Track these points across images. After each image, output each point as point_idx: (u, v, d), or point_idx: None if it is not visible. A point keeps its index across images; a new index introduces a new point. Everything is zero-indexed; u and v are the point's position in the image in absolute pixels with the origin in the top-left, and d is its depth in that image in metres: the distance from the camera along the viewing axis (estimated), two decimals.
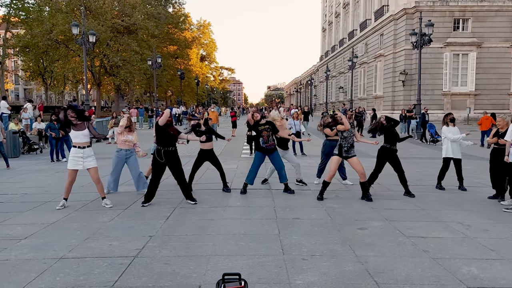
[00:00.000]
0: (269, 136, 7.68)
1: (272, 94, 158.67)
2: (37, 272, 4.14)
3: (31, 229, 5.60)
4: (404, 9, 32.50)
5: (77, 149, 6.66)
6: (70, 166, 6.69)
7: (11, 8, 36.96)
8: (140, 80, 39.49)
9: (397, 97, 34.42)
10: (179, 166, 6.99)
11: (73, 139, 6.71)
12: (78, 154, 6.65)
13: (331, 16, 60.81)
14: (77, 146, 6.66)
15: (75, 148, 6.68)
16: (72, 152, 6.72)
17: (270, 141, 7.68)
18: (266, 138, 7.65)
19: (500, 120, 7.37)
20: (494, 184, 7.47)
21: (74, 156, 6.66)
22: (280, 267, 4.25)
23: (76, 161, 6.65)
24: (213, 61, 74.45)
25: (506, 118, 7.42)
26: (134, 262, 4.42)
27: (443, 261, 4.44)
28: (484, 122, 17.07)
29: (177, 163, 6.98)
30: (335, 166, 7.33)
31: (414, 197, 7.46)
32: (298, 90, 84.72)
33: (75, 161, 6.65)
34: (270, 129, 7.71)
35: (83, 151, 6.66)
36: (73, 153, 6.70)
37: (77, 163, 6.66)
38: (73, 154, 6.70)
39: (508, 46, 32.01)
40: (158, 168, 6.90)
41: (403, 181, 7.65)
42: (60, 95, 63.77)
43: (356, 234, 5.41)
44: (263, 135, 7.66)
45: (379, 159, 7.72)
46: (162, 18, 39.89)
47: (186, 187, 7.16)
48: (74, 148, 6.71)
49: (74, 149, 6.69)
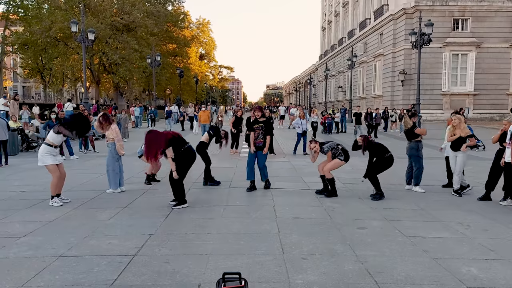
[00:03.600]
0: (259, 134, 7.98)
1: (271, 93, 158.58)
2: (36, 270, 4.13)
3: (30, 227, 5.58)
4: (404, 8, 32.51)
5: (52, 148, 6.95)
6: (47, 162, 6.89)
7: (10, 5, 36.79)
8: (139, 78, 39.49)
9: (396, 97, 34.44)
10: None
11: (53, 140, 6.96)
12: (53, 153, 6.96)
13: (330, 15, 60.80)
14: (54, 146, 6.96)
15: (51, 147, 6.94)
16: (48, 149, 6.93)
17: (259, 139, 7.97)
18: (256, 135, 7.96)
19: (506, 122, 7.37)
20: (488, 184, 7.46)
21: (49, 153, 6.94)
22: (280, 266, 4.24)
23: (51, 158, 6.92)
24: (212, 59, 74.43)
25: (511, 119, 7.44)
26: (134, 260, 4.40)
27: (443, 261, 4.44)
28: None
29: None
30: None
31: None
32: (297, 89, 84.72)
33: (50, 158, 6.92)
34: (262, 128, 7.97)
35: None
36: (48, 150, 6.93)
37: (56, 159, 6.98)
38: (48, 151, 6.93)
39: (507, 46, 32.05)
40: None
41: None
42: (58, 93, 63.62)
43: (356, 233, 5.41)
44: (255, 132, 7.99)
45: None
46: (162, 16, 39.81)
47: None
48: (50, 147, 6.94)
49: (50, 148, 6.94)
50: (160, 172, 8.85)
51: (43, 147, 6.93)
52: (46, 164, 6.85)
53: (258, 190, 8.06)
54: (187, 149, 6.69)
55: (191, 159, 6.75)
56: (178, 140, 6.61)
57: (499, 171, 7.25)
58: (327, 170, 7.55)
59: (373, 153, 7.59)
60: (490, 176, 7.41)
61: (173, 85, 52.14)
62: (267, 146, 8.02)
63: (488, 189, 7.40)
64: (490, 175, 7.41)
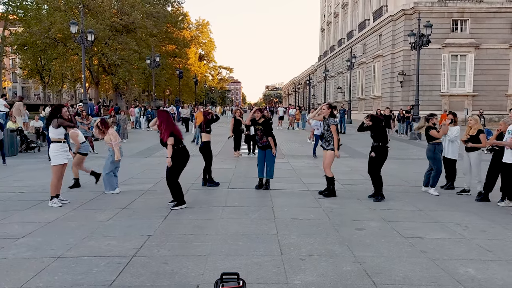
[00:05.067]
0: (262, 135, 8.23)
1: (270, 94, 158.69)
2: (35, 271, 4.13)
3: (29, 228, 5.59)
4: (403, 9, 32.54)
5: (62, 144, 6.97)
6: (60, 161, 6.89)
7: (9, 5, 36.82)
8: (139, 79, 39.46)
9: (395, 98, 34.46)
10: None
11: (59, 135, 6.96)
12: (64, 148, 6.97)
13: (330, 16, 60.83)
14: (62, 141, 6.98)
15: (60, 143, 6.95)
16: (58, 147, 6.92)
17: (263, 139, 8.23)
18: (260, 136, 8.26)
19: (502, 123, 7.39)
20: (486, 185, 7.48)
21: (61, 151, 6.94)
22: (278, 267, 4.26)
23: (63, 155, 6.93)
24: (211, 60, 74.50)
25: (507, 121, 7.45)
26: (132, 261, 4.41)
27: (441, 261, 4.46)
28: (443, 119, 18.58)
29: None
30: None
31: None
32: (297, 90, 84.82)
33: (62, 156, 6.92)
34: (261, 130, 8.22)
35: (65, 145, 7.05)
36: (59, 148, 6.93)
37: (67, 157, 6.99)
38: (59, 149, 6.93)
39: (506, 47, 32.10)
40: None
41: None
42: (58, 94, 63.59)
43: (354, 234, 5.42)
44: (258, 134, 8.35)
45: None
46: (161, 17, 39.85)
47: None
48: (59, 143, 6.95)
49: (60, 144, 6.95)
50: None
51: (53, 146, 6.95)
52: (58, 164, 6.87)
53: (257, 191, 8.07)
54: (183, 148, 6.75)
55: (185, 159, 6.78)
56: (178, 136, 6.72)
57: (497, 172, 7.27)
58: (327, 167, 7.59)
59: (377, 135, 7.46)
60: (487, 177, 7.43)
61: (172, 86, 52.15)
62: (273, 146, 8.12)
63: (486, 190, 7.43)
64: (487, 176, 7.43)
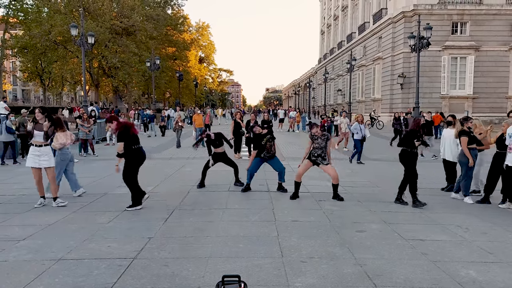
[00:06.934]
0: (272, 146, 8.04)
1: (270, 96, 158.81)
2: (36, 274, 4.13)
3: (30, 230, 5.58)
4: (403, 12, 32.59)
5: (34, 147, 6.95)
6: (28, 163, 6.97)
7: (9, 9, 36.86)
8: (139, 82, 39.46)
9: (395, 100, 34.47)
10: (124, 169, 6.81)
11: (33, 137, 6.99)
12: (35, 152, 6.93)
13: (329, 19, 60.93)
14: (34, 144, 6.95)
15: (32, 147, 6.98)
16: (30, 150, 7.01)
17: (272, 151, 8.05)
18: (269, 148, 8.01)
19: (505, 124, 7.37)
20: (487, 187, 7.47)
21: (31, 154, 6.95)
22: (279, 270, 4.25)
23: (33, 159, 6.91)
24: (211, 63, 74.46)
25: (511, 122, 7.45)
26: (133, 263, 4.41)
27: (442, 264, 4.45)
28: (435, 119, 19.92)
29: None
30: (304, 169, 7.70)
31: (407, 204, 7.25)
32: (297, 93, 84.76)
33: (32, 159, 6.93)
34: (271, 139, 8.07)
35: (39, 149, 6.92)
36: (30, 151, 7.00)
37: (34, 161, 6.90)
38: (30, 152, 6.99)
39: (506, 49, 32.12)
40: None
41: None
42: (58, 96, 63.64)
43: (355, 236, 5.42)
44: (267, 147, 7.99)
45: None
46: (161, 19, 39.84)
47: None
48: (32, 146, 6.99)
49: (32, 147, 6.98)
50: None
51: (49, 148, 7.07)
52: (28, 166, 6.99)
53: (257, 193, 8.07)
54: (138, 149, 6.76)
55: (140, 160, 6.81)
56: (132, 137, 6.69)
57: (498, 174, 7.27)
58: (336, 175, 7.52)
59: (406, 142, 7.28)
60: (488, 179, 7.42)
61: (172, 88, 52.09)
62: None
63: (487, 192, 7.42)
64: (488, 178, 7.42)
